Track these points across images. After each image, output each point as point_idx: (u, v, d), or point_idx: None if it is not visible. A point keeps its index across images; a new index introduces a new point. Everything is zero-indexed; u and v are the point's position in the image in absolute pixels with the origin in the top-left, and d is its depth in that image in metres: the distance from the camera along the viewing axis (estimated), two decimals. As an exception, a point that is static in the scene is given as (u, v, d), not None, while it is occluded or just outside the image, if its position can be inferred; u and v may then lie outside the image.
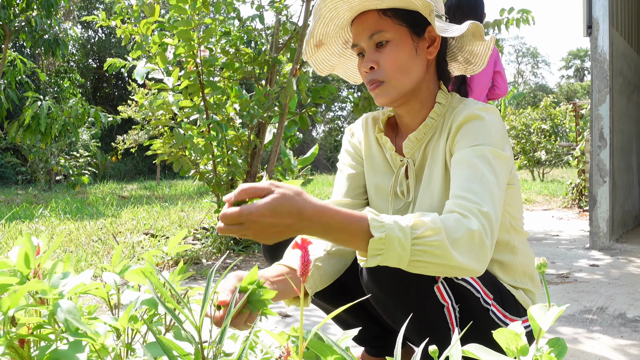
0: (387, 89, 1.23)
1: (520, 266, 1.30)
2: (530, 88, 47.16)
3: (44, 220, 5.49)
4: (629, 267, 3.32)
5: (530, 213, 6.61)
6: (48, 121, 8.88)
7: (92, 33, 24.19)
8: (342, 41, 1.36)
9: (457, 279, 1.18)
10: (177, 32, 3.58)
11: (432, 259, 0.98)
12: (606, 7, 3.91)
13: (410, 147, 1.31)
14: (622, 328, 2.16)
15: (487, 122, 1.17)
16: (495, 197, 1.08)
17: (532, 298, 1.31)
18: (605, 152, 3.95)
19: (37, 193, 10.61)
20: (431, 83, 1.29)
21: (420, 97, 1.28)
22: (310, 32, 1.28)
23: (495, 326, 1.20)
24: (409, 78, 1.23)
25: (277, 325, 2.22)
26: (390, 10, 1.21)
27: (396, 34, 1.21)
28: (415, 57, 1.23)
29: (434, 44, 1.25)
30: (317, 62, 1.38)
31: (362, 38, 1.23)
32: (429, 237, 0.97)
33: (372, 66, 1.23)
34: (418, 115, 1.30)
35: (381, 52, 1.22)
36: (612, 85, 4.00)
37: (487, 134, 1.16)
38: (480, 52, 1.30)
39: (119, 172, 19.37)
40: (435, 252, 0.98)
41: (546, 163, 13.50)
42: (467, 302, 1.19)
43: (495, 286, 1.25)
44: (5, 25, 7.72)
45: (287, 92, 3.89)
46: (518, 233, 1.32)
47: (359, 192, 1.42)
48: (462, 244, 0.99)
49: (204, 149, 3.84)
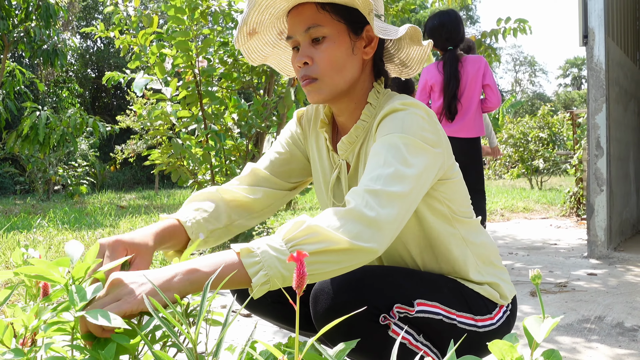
0: (320, 86, 1.19)
1: (475, 256, 1.26)
2: (528, 96, 47.30)
3: (41, 231, 5.48)
4: (626, 276, 3.32)
5: (528, 222, 6.62)
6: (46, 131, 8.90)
7: (90, 43, 24.25)
8: (277, 31, 1.31)
9: (409, 314, 1.12)
10: (176, 43, 3.60)
11: (316, 248, 0.91)
12: (602, 17, 3.94)
13: (343, 150, 1.28)
14: (620, 337, 2.16)
15: (404, 114, 1.12)
16: (396, 176, 1.02)
17: (498, 289, 1.27)
18: (603, 161, 3.96)
19: (35, 203, 10.59)
20: (366, 83, 1.25)
21: (355, 97, 1.24)
22: (243, 19, 1.21)
23: (470, 335, 1.19)
24: (343, 77, 1.19)
25: (274, 335, 2.22)
26: (329, 5, 1.16)
27: (333, 30, 1.17)
28: (352, 56, 1.19)
29: (371, 44, 1.22)
30: (250, 51, 1.31)
31: (297, 31, 1.19)
32: (297, 231, 0.92)
33: (306, 61, 1.18)
34: (352, 116, 1.27)
35: (317, 48, 1.18)
36: (609, 94, 4.02)
37: (400, 123, 1.10)
38: (416, 57, 1.28)
39: (118, 182, 19.36)
40: (312, 240, 0.91)
41: (544, 171, 13.51)
42: (430, 329, 1.16)
43: (454, 294, 1.21)
44: (4, 35, 7.75)
45: (285, 102, 3.90)
46: (463, 224, 1.26)
47: (281, 171, 1.37)
48: (340, 225, 0.94)
49: (202, 158, 3.85)
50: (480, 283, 1.26)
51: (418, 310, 1.13)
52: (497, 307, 1.27)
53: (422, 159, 1.08)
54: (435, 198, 1.21)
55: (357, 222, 0.95)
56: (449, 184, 1.22)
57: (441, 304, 1.17)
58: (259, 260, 0.89)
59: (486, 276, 1.27)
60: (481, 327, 1.21)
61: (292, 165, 1.39)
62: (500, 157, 5.56)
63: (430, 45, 1.21)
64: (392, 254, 1.28)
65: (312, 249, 0.91)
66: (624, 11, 5.00)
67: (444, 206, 1.23)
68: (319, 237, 0.92)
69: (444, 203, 1.22)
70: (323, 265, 0.93)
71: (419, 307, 1.13)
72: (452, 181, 1.23)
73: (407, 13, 5.00)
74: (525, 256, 4.15)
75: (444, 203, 1.22)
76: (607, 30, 4.02)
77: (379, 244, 0.96)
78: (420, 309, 1.13)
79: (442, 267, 1.26)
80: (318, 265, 0.92)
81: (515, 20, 4.88)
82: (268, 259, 0.89)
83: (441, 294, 1.19)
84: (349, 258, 0.94)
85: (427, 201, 1.21)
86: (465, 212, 1.27)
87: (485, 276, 1.27)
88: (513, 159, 13.53)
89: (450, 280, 1.25)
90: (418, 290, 1.16)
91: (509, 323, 1.28)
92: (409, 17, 5.66)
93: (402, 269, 1.24)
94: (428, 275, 1.24)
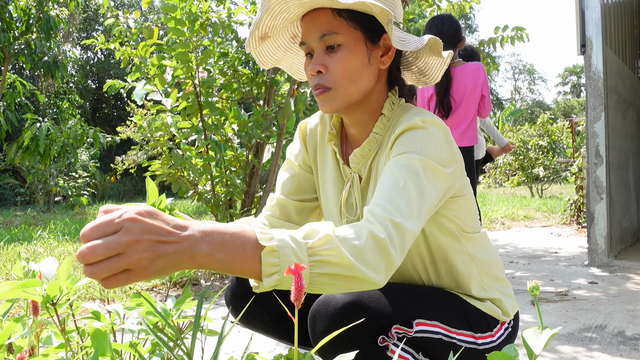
0: (334, 96, 1.14)
1: (480, 272, 1.25)
2: (527, 105, 47.39)
3: (42, 242, 5.48)
4: (627, 284, 3.32)
5: (529, 230, 6.61)
6: (47, 142, 8.92)
7: (91, 54, 24.35)
8: (290, 35, 1.25)
9: (408, 335, 1.10)
10: (176, 54, 3.61)
11: (332, 270, 0.86)
12: (599, 25, 3.96)
13: (356, 163, 1.23)
14: (622, 346, 2.16)
15: (423, 132, 1.08)
16: (413, 209, 0.99)
17: (501, 305, 1.26)
18: (602, 169, 3.97)
19: (35, 214, 10.59)
20: (381, 93, 1.21)
21: (369, 108, 1.20)
22: (255, 23, 1.16)
23: (469, 352, 1.18)
24: (358, 87, 1.14)
25: (276, 347, 2.21)
26: (346, 12, 1.11)
27: (349, 38, 1.12)
28: (367, 65, 1.14)
29: (388, 54, 1.17)
30: (261, 54, 1.25)
31: (312, 37, 1.14)
32: (324, 246, 0.86)
33: (320, 70, 1.13)
34: (366, 127, 1.22)
35: (331, 56, 1.13)
36: (607, 102, 4.04)
37: (420, 143, 1.06)
38: (435, 65, 1.24)
39: (118, 193, 19.36)
40: (334, 262, 0.86)
41: (544, 179, 13.52)
42: (429, 347, 1.14)
43: (455, 311, 1.20)
44: (5, 48, 7.79)
45: (285, 112, 3.92)
46: (470, 239, 1.25)
47: (303, 195, 1.35)
48: (362, 252, 0.89)
49: (203, 169, 3.86)
50: (482, 299, 1.25)
51: (417, 330, 1.11)
52: (498, 324, 1.25)
53: (437, 184, 1.06)
54: (445, 216, 1.20)
55: (379, 256, 0.91)
56: (459, 202, 1.20)
57: (441, 322, 1.15)
58: (277, 263, 0.84)
59: (489, 291, 1.26)
60: (481, 345, 1.20)
61: (307, 187, 1.37)
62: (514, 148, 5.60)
63: (451, 56, 1.17)
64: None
65: (327, 271, 0.87)
66: (622, 20, 5.02)
67: (452, 224, 1.21)
68: (340, 260, 0.87)
69: (453, 221, 1.21)
70: (328, 287, 0.89)
71: (418, 327, 1.12)
72: (463, 198, 1.21)
73: (405, 22, 5.02)
74: (526, 265, 4.14)
75: (452, 221, 1.21)
76: (604, 39, 4.04)
77: (386, 279, 0.94)
78: (419, 329, 1.12)
79: (446, 282, 1.25)
80: (324, 286, 0.88)
81: (513, 28, 4.90)
82: (286, 264, 0.84)
83: (441, 312, 1.17)
84: (356, 286, 0.91)
85: (435, 219, 1.19)
86: (473, 228, 1.26)
87: (488, 291, 1.25)
88: (513, 167, 13.55)
89: (451, 296, 1.24)
90: (417, 309, 1.14)
91: (509, 339, 1.27)
92: (407, 26, 5.68)
93: (402, 286, 1.22)
94: (428, 291, 1.23)
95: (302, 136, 1.37)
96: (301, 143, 1.37)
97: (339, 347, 0.99)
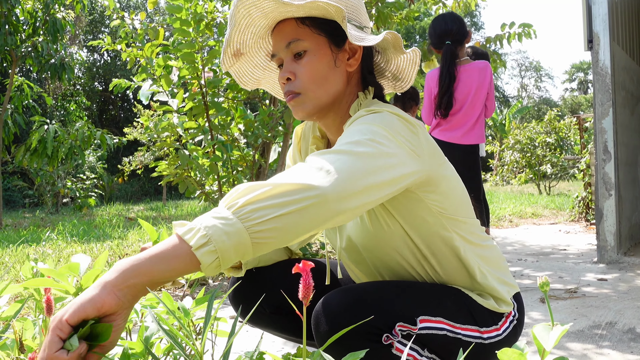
0: (304, 100, 1.17)
1: (476, 259, 1.22)
2: (534, 102, 47.19)
3: (51, 244, 5.51)
4: (637, 281, 3.30)
5: (537, 227, 6.58)
6: (55, 144, 8.96)
7: (97, 56, 24.47)
8: (265, 52, 1.29)
9: (412, 332, 1.10)
10: (181, 55, 3.62)
11: (268, 204, 0.85)
12: (606, 21, 3.93)
13: None
14: (632, 343, 2.14)
15: (374, 115, 1.07)
16: (357, 142, 0.98)
17: (498, 295, 1.23)
18: (610, 166, 3.95)
19: (44, 216, 10.65)
20: (352, 96, 1.22)
21: (340, 111, 1.21)
22: (226, 40, 1.20)
23: (475, 346, 1.17)
24: (326, 91, 1.17)
25: (284, 345, 2.22)
26: (309, 19, 1.15)
27: (314, 43, 1.15)
28: (334, 68, 1.17)
29: (354, 56, 1.20)
30: (240, 74, 1.30)
31: (280, 47, 1.18)
32: (245, 195, 0.86)
33: (289, 77, 1.17)
34: (339, 131, 1.22)
35: (298, 62, 1.16)
36: (615, 98, 4.01)
37: (370, 118, 1.06)
38: (406, 68, 1.25)
39: (126, 194, 19.45)
40: (263, 195, 0.86)
41: (552, 176, 13.46)
42: (434, 343, 1.13)
43: (458, 306, 1.18)
44: (12, 51, 7.83)
45: (290, 111, 3.92)
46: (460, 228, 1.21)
47: None
48: (290, 175, 0.89)
49: (209, 169, 3.86)
50: (482, 294, 1.23)
51: (421, 327, 1.11)
52: (503, 317, 1.24)
53: (396, 149, 1.03)
54: (427, 208, 1.17)
55: (316, 171, 0.91)
56: (438, 192, 1.16)
57: (445, 318, 1.15)
58: (199, 230, 0.83)
59: (490, 280, 1.23)
60: (487, 339, 1.20)
61: None
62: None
63: (418, 53, 1.19)
64: (391, 267, 1.26)
65: (253, 197, 0.86)
66: (629, 15, 4.99)
67: (438, 215, 1.18)
68: (268, 191, 0.87)
69: (438, 212, 1.18)
70: (269, 211, 0.85)
71: (422, 323, 1.11)
72: (442, 189, 1.17)
73: (411, 20, 5.01)
74: (535, 262, 4.12)
75: (437, 212, 1.17)
76: (612, 34, 4.01)
77: (332, 189, 0.90)
78: (423, 325, 1.11)
79: (442, 276, 1.24)
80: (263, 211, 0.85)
81: (519, 25, 4.88)
82: (220, 239, 0.83)
83: (444, 308, 1.16)
84: (302, 210, 0.87)
85: (417, 213, 1.17)
86: (462, 216, 1.22)
87: (489, 280, 1.23)
88: (520, 165, 13.50)
89: (454, 291, 1.22)
90: (420, 306, 1.14)
91: (515, 333, 1.26)
92: (412, 24, 5.67)
93: (404, 283, 1.21)
94: (431, 288, 1.22)
95: (296, 140, 1.41)
96: (296, 147, 1.41)
97: (343, 347, 0.98)
